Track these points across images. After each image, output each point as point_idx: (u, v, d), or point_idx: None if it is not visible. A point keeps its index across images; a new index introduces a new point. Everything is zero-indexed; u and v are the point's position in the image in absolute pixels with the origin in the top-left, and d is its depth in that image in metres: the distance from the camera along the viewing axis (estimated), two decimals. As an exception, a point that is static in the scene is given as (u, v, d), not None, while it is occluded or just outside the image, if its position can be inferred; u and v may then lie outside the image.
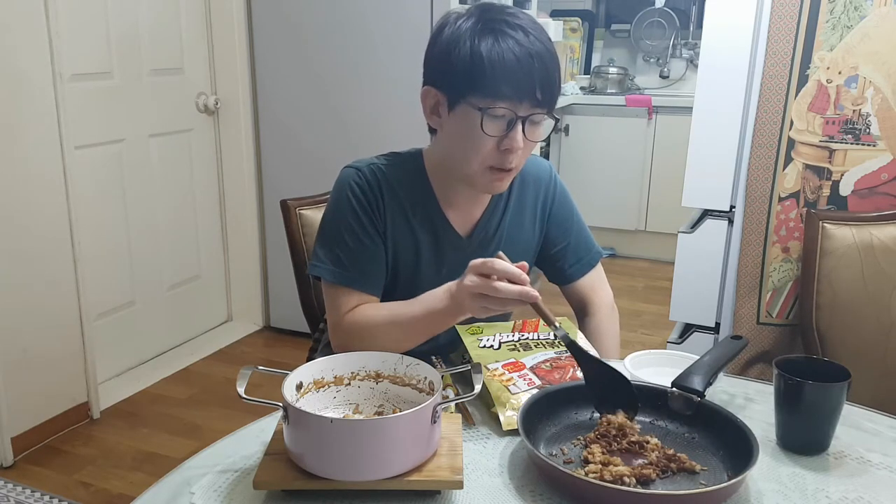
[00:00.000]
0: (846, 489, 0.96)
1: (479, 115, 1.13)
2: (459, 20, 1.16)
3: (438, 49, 1.17)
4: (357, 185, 1.25)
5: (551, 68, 1.14)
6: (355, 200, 1.25)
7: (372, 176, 1.26)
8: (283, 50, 3.08)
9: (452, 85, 1.16)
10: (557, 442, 1.02)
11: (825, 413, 1.03)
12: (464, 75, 1.13)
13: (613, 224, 4.50)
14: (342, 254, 1.24)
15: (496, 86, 1.11)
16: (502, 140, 1.15)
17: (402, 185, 1.27)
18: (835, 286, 1.75)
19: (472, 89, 1.13)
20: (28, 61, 2.29)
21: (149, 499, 0.94)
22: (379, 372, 1.04)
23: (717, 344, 1.14)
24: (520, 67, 1.11)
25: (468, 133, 1.15)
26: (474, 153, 1.17)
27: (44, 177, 2.37)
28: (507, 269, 1.03)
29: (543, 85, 1.13)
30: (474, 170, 1.19)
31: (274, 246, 3.32)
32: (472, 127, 1.14)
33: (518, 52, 1.11)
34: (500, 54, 1.11)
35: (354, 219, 1.25)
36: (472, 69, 1.12)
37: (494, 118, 1.13)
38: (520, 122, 1.14)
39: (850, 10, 1.74)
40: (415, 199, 1.28)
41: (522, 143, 1.16)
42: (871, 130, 1.79)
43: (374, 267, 1.26)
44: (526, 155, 1.21)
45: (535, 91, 1.12)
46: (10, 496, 2.19)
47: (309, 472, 0.89)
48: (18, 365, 2.35)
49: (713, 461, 0.98)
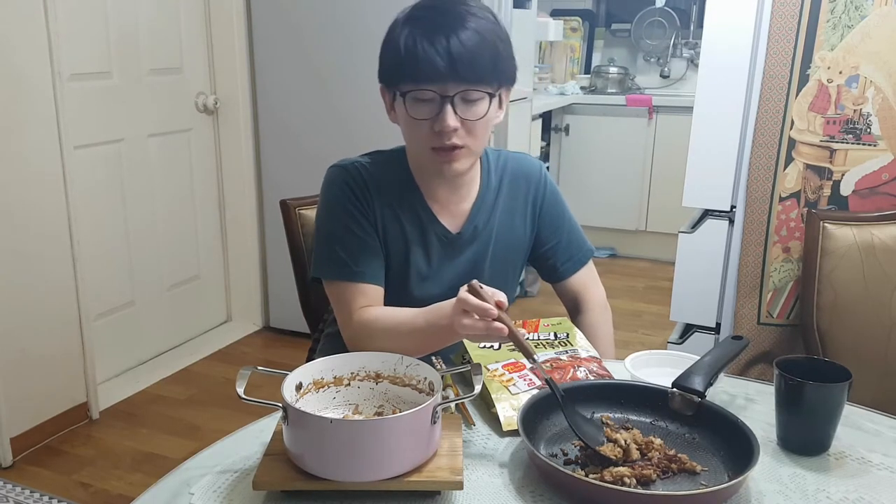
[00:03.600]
0: (847, 489, 0.96)
1: (409, 101, 1.16)
2: (399, 18, 1.20)
3: (382, 46, 1.21)
4: (345, 182, 1.27)
5: (473, 45, 1.13)
6: (345, 197, 1.26)
7: (357, 173, 1.28)
8: (282, 50, 3.08)
9: (387, 78, 1.21)
10: (558, 442, 1.02)
11: (826, 413, 1.02)
12: (390, 66, 1.18)
13: (614, 224, 4.50)
14: (341, 250, 1.25)
15: (413, 70, 1.14)
16: (434, 122, 1.16)
17: (388, 181, 1.29)
18: (836, 286, 1.75)
19: (398, 78, 1.17)
20: (28, 61, 2.29)
21: (148, 499, 0.93)
22: (379, 372, 1.04)
23: (718, 344, 1.14)
24: (433, 49, 1.12)
25: (407, 121, 1.20)
26: (414, 139, 1.21)
27: (43, 176, 2.37)
28: (477, 306, 1.01)
29: (463, 63, 1.12)
30: (422, 154, 1.22)
31: (273, 246, 3.32)
32: (407, 115, 1.18)
33: (432, 34, 1.13)
34: (414, 39, 1.13)
35: (347, 215, 1.25)
36: (394, 58, 1.17)
37: (422, 102, 1.16)
38: (447, 101, 1.14)
39: (850, 10, 1.74)
40: (401, 195, 1.29)
41: (457, 122, 1.16)
42: (872, 130, 1.79)
43: (374, 259, 1.27)
44: (479, 133, 1.20)
45: (456, 69, 1.12)
46: (9, 496, 2.19)
47: (308, 473, 0.89)
48: (18, 365, 2.35)
49: (714, 462, 0.97)
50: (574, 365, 1.17)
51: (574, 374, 1.15)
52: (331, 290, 1.28)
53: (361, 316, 1.22)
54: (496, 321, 1.01)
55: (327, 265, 1.27)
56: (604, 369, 1.19)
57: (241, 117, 3.21)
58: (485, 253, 1.34)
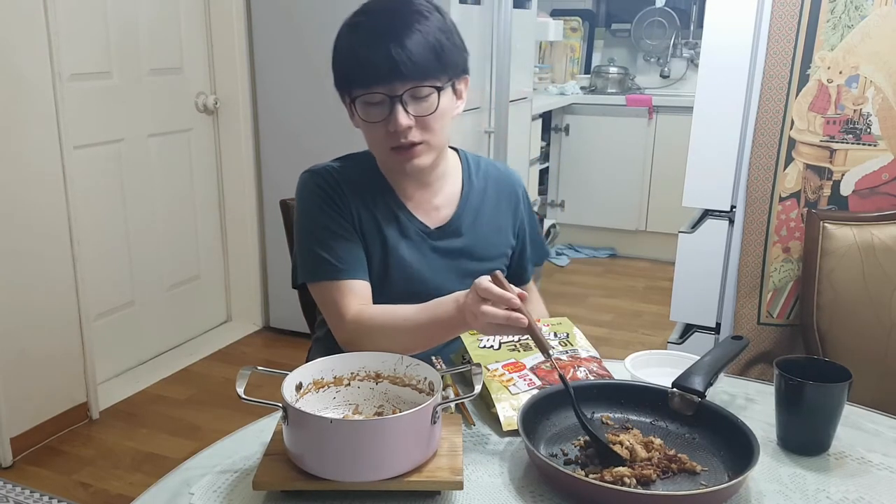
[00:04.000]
0: (847, 489, 0.96)
1: (360, 106, 1.18)
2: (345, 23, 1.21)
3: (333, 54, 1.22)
4: (317, 184, 1.28)
5: (414, 43, 1.13)
6: (319, 199, 1.26)
7: (329, 176, 1.29)
8: (282, 50, 3.08)
9: (339, 86, 1.22)
10: (558, 442, 1.02)
11: (826, 413, 1.02)
12: (339, 73, 1.20)
13: (613, 224, 4.50)
14: (322, 250, 1.25)
15: (359, 75, 1.16)
16: (387, 123, 1.17)
17: (361, 182, 1.29)
18: (836, 286, 1.75)
19: (347, 84, 1.19)
20: (27, 61, 2.29)
21: (148, 499, 0.93)
22: (378, 372, 1.04)
23: (718, 344, 1.14)
24: (376, 52, 1.13)
25: (363, 127, 1.21)
26: (373, 142, 1.23)
27: (43, 177, 2.37)
28: (499, 295, 1.02)
29: (405, 61, 1.13)
30: (383, 155, 1.24)
31: (273, 246, 3.32)
32: (362, 120, 1.20)
33: (375, 37, 1.14)
34: (357, 44, 1.15)
35: (324, 215, 1.26)
36: (341, 65, 1.19)
37: (373, 105, 1.17)
38: (396, 101, 1.15)
39: (850, 10, 1.74)
40: (375, 195, 1.30)
41: (409, 121, 1.17)
42: (872, 130, 1.79)
43: (357, 255, 1.26)
44: (435, 128, 1.20)
45: (398, 69, 1.13)
46: (9, 497, 2.19)
47: (308, 473, 0.89)
48: (17, 365, 2.35)
49: (714, 462, 0.98)
50: (574, 365, 1.18)
51: (574, 374, 1.15)
52: (317, 293, 1.28)
53: (355, 315, 1.21)
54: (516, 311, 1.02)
55: (309, 268, 1.27)
56: (604, 369, 1.19)
57: (241, 117, 3.21)
58: (470, 251, 1.34)
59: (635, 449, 0.96)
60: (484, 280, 1.04)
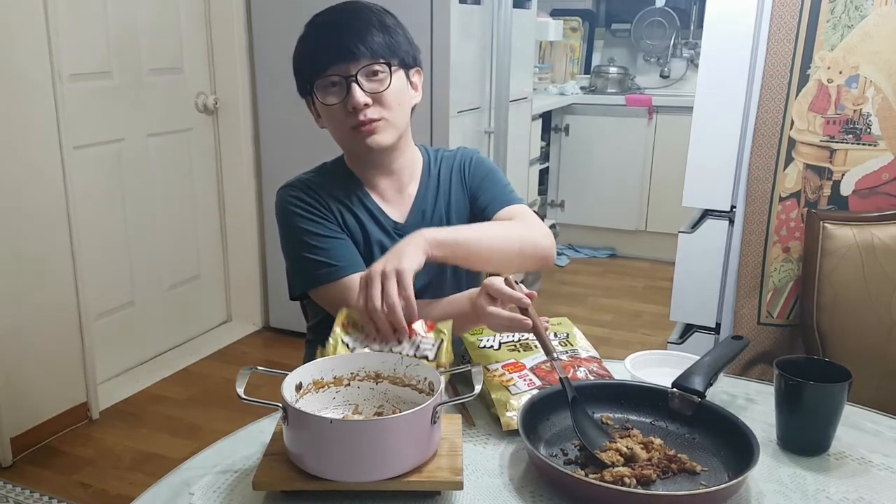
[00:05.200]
0: (847, 490, 0.96)
1: (318, 93, 1.25)
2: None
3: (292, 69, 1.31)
4: (296, 197, 1.31)
5: (361, 26, 1.23)
6: (299, 209, 1.30)
7: (304, 185, 1.33)
8: (282, 50, 3.05)
9: (300, 85, 1.30)
10: (558, 442, 1.02)
11: (826, 414, 1.02)
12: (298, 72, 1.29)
13: (613, 224, 4.50)
14: (317, 256, 1.27)
15: (314, 61, 1.24)
16: (346, 103, 1.23)
17: (335, 188, 1.34)
18: (836, 286, 1.75)
19: (305, 77, 1.26)
20: (27, 61, 2.29)
21: (148, 499, 0.93)
22: (379, 372, 1.04)
23: (718, 344, 1.14)
24: (327, 39, 1.23)
25: (323, 112, 1.28)
26: (335, 125, 1.27)
27: (43, 177, 2.37)
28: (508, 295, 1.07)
29: (359, 39, 1.22)
30: (346, 138, 1.28)
31: (273, 246, 3.31)
32: (321, 107, 1.27)
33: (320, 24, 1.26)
34: (305, 36, 1.27)
35: (309, 224, 1.29)
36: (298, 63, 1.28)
37: (329, 87, 1.24)
38: (352, 81, 1.22)
39: (850, 10, 1.74)
40: (350, 195, 1.34)
41: (366, 98, 1.22)
42: (872, 130, 1.79)
43: (349, 251, 1.29)
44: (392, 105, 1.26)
45: (349, 48, 1.21)
46: (9, 497, 2.19)
47: (308, 473, 0.89)
48: (18, 365, 2.35)
49: (714, 462, 0.97)
50: (574, 365, 1.17)
51: (574, 374, 1.15)
52: (321, 298, 1.29)
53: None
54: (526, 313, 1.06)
55: (305, 276, 1.29)
56: (604, 369, 1.19)
57: (241, 117, 3.21)
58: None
59: (634, 451, 0.96)
60: (496, 281, 1.08)
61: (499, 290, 1.07)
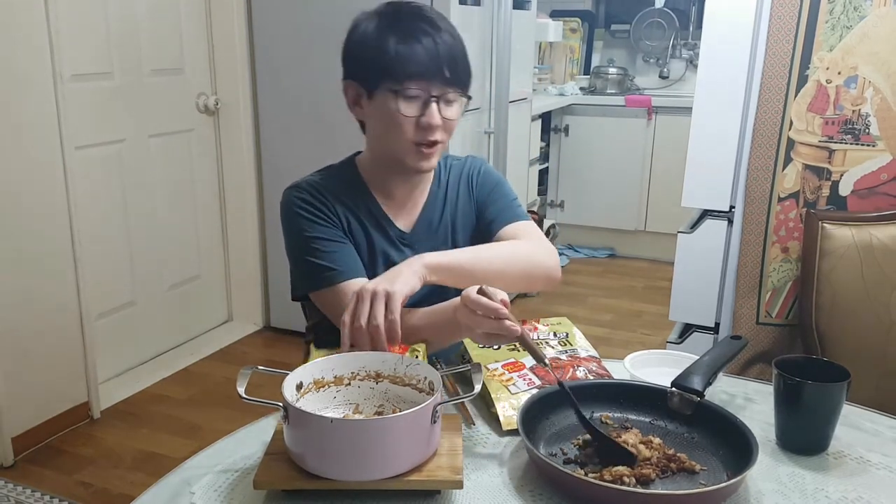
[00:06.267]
0: (846, 489, 0.96)
1: (394, 97, 1.20)
2: (370, 17, 1.25)
3: (352, 44, 1.26)
4: (301, 198, 1.30)
5: (456, 50, 1.23)
6: (305, 212, 1.29)
7: (311, 188, 1.31)
8: (283, 50, 3.09)
9: (368, 75, 1.24)
10: (557, 442, 1.02)
11: (825, 413, 1.03)
12: (377, 64, 1.21)
13: (613, 224, 4.50)
14: (320, 260, 1.26)
15: (406, 69, 1.19)
16: (420, 119, 1.21)
17: (342, 192, 1.32)
18: (834, 286, 1.75)
19: (385, 76, 1.21)
20: (28, 61, 2.29)
21: (149, 499, 0.94)
22: (379, 372, 1.04)
23: (717, 344, 1.14)
24: (425, 50, 1.20)
25: (389, 116, 1.23)
26: (398, 134, 1.23)
27: (44, 177, 2.37)
28: (486, 306, 1.03)
29: (450, 64, 1.21)
30: (402, 149, 1.25)
31: (274, 246, 3.32)
32: (391, 110, 1.22)
33: (422, 37, 1.20)
34: (406, 40, 1.20)
35: (315, 228, 1.28)
36: (384, 57, 1.20)
37: (409, 99, 1.21)
38: (433, 100, 1.21)
39: (849, 11, 1.74)
40: (357, 201, 1.33)
41: (440, 121, 1.22)
42: (871, 130, 1.79)
43: (351, 256, 1.28)
44: (448, 131, 1.26)
45: (443, 70, 1.20)
46: (10, 496, 2.20)
47: (309, 472, 0.90)
48: (19, 365, 2.35)
49: (713, 461, 0.98)
50: (573, 365, 1.18)
51: (573, 373, 1.16)
52: (321, 302, 1.29)
53: None
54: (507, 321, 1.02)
55: (307, 278, 1.28)
56: (603, 369, 1.19)
57: (241, 118, 3.21)
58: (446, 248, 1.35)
59: (637, 448, 0.97)
60: (471, 292, 1.05)
61: (475, 302, 1.03)
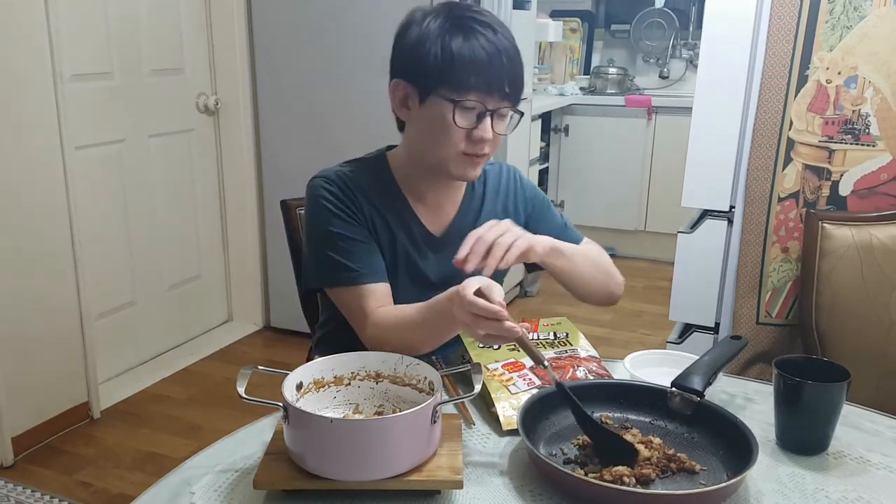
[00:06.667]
0: (846, 489, 0.96)
1: (450, 106, 1.17)
2: (427, 17, 1.20)
3: (408, 44, 1.21)
4: (329, 191, 1.27)
5: (517, 65, 1.20)
6: (332, 205, 1.26)
7: (340, 180, 1.28)
8: (283, 50, 3.08)
9: (424, 79, 1.19)
10: (557, 442, 1.02)
11: (825, 413, 1.03)
12: (436, 69, 1.17)
13: (613, 224, 4.50)
14: (342, 258, 1.25)
15: (467, 79, 1.16)
16: (472, 131, 1.19)
17: (371, 187, 1.30)
18: (834, 286, 1.75)
19: (443, 82, 1.17)
20: (28, 61, 2.29)
21: (149, 499, 0.94)
22: (379, 372, 1.04)
23: (717, 344, 1.14)
24: (489, 62, 1.16)
25: (440, 124, 1.19)
26: (447, 143, 1.21)
27: (44, 177, 2.37)
28: (486, 309, 0.99)
29: (511, 80, 1.19)
30: (449, 157, 1.23)
31: (274, 246, 3.32)
32: (443, 118, 1.18)
33: (487, 47, 1.16)
34: (472, 50, 1.16)
35: (340, 223, 1.26)
36: (444, 64, 1.16)
37: (465, 110, 1.18)
38: (489, 114, 1.18)
39: (849, 11, 1.74)
40: (385, 199, 1.30)
41: (492, 135, 1.20)
42: (871, 130, 1.79)
43: (371, 257, 1.26)
44: (496, 145, 1.24)
45: (504, 85, 1.18)
46: (10, 496, 2.19)
47: (309, 472, 0.90)
48: (19, 365, 2.35)
49: (713, 461, 0.98)
50: (573, 364, 1.18)
51: (573, 373, 1.16)
52: (336, 298, 1.28)
53: (374, 320, 1.22)
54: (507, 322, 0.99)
55: (325, 273, 1.27)
56: (603, 369, 1.19)
57: (241, 118, 3.21)
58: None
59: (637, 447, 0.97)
60: (468, 293, 1.00)
61: (472, 304, 0.99)
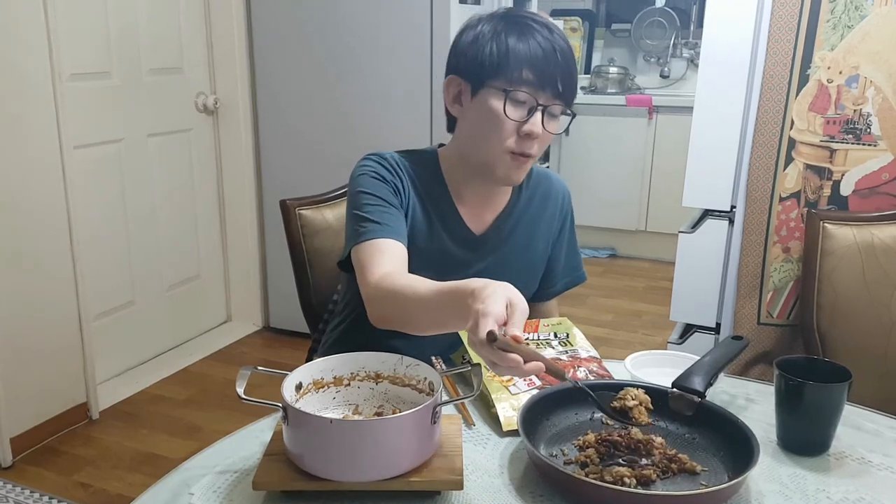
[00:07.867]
0: (847, 490, 0.96)
1: (502, 97, 1.16)
2: (483, 20, 1.22)
3: (465, 42, 1.22)
4: (377, 163, 1.27)
5: (572, 65, 1.21)
6: (374, 175, 1.25)
7: (393, 162, 1.28)
8: (282, 50, 3.08)
9: (478, 71, 1.19)
10: (558, 442, 1.02)
11: (826, 413, 1.02)
12: (490, 61, 1.18)
13: (613, 224, 4.50)
14: (369, 215, 1.20)
15: (520, 72, 1.16)
16: (522, 125, 1.18)
17: (420, 176, 1.29)
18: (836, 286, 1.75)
19: (497, 74, 1.17)
20: (27, 61, 2.28)
21: (148, 499, 0.93)
22: (378, 372, 1.04)
23: (718, 344, 1.14)
24: (544, 57, 1.17)
25: (490, 117, 1.18)
26: (496, 137, 1.19)
27: (43, 176, 2.37)
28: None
29: (564, 77, 1.19)
30: (496, 154, 1.21)
31: (273, 246, 3.32)
32: (494, 111, 1.18)
33: (543, 44, 1.18)
34: (527, 45, 1.17)
35: (380, 190, 1.23)
36: (499, 57, 1.17)
37: (516, 103, 1.17)
38: (540, 109, 1.17)
39: (850, 10, 1.74)
40: (430, 190, 1.29)
41: (541, 131, 1.19)
42: (872, 130, 1.79)
43: (401, 223, 1.23)
44: (543, 146, 1.23)
45: (557, 81, 1.18)
46: (9, 497, 2.19)
47: (308, 473, 0.89)
48: (18, 365, 2.35)
49: (714, 462, 0.98)
50: (574, 365, 1.18)
51: (574, 374, 1.15)
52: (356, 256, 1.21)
53: (380, 277, 1.14)
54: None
55: (354, 234, 1.22)
56: (603, 369, 1.19)
57: (241, 117, 3.21)
58: (504, 263, 1.33)
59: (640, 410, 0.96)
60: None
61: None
